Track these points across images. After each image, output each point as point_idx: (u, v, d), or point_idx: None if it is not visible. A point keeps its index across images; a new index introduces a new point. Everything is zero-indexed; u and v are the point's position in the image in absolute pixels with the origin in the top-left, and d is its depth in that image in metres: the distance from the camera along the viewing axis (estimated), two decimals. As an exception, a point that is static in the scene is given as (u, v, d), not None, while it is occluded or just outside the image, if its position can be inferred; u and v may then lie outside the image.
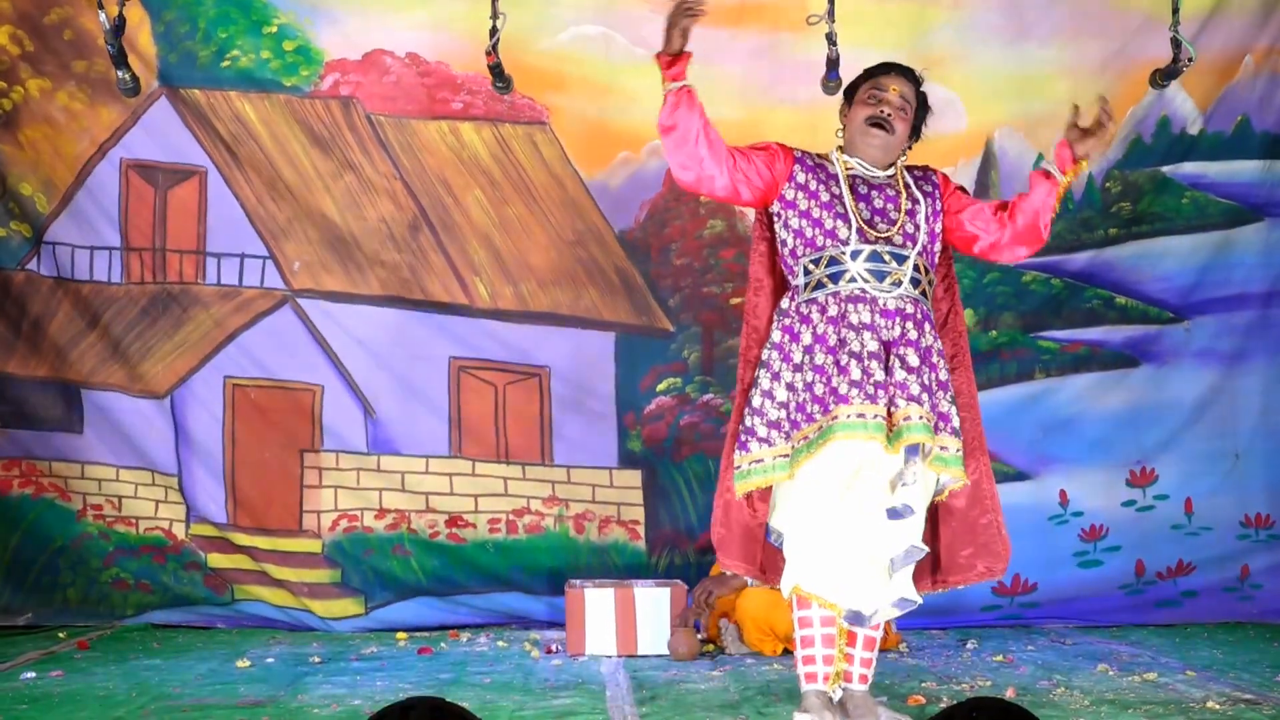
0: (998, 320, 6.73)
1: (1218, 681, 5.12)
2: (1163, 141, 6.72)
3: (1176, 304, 6.73)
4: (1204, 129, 6.71)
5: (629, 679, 5.29)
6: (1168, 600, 6.71)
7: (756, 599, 5.80)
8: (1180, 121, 6.71)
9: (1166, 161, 6.72)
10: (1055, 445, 6.70)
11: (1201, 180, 6.73)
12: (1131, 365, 6.74)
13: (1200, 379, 6.73)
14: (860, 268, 4.31)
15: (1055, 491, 6.69)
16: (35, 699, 4.83)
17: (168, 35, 6.52)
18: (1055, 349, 6.74)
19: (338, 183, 6.62)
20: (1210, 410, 6.73)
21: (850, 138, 4.52)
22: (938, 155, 6.60)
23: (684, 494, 6.65)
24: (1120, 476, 6.71)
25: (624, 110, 6.63)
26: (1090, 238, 6.74)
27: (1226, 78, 6.69)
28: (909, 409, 4.18)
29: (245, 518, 6.57)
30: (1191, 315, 6.74)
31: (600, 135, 6.58)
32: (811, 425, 4.20)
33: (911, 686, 5.05)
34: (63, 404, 6.56)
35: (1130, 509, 6.71)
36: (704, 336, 6.72)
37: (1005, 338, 6.73)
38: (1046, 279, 6.73)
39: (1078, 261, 6.73)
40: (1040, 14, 6.65)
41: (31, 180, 6.53)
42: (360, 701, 4.79)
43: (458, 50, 6.57)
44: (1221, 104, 6.70)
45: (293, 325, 6.59)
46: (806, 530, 4.24)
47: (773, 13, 6.58)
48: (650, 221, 6.73)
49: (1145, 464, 6.71)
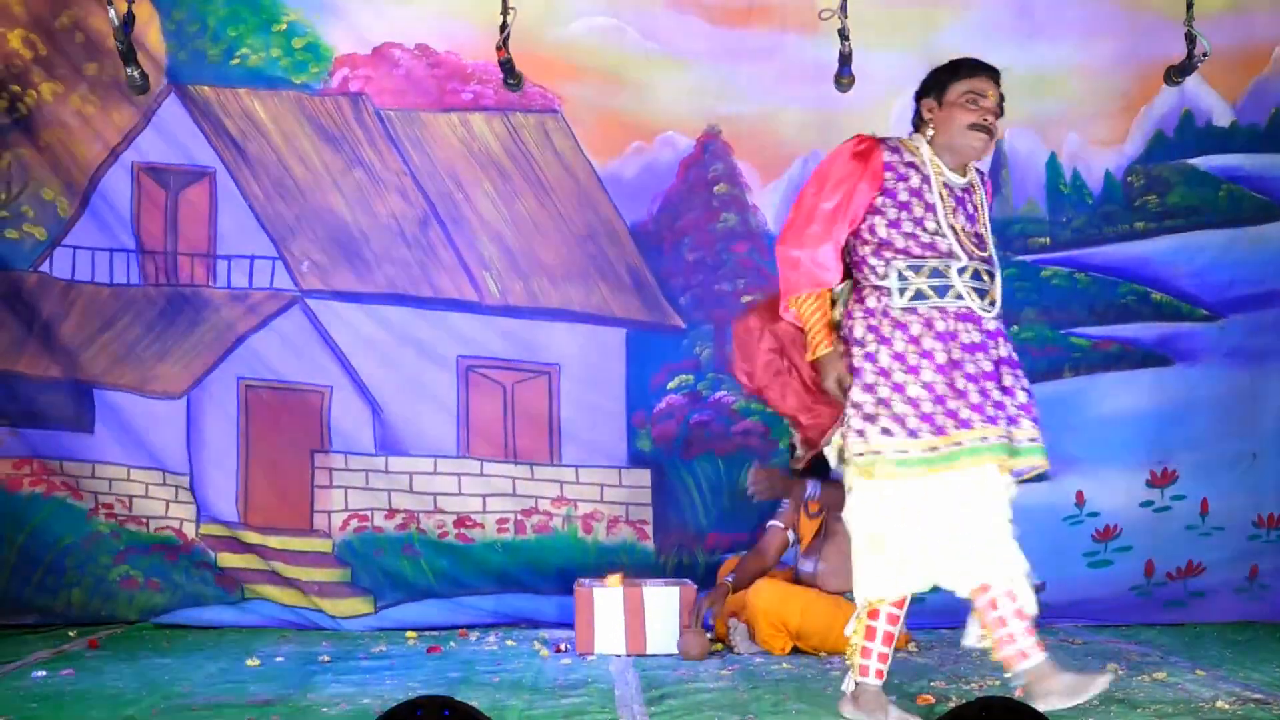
0: (1019, 316, 6.65)
1: (1227, 681, 5.10)
2: (1188, 135, 6.70)
3: (1211, 300, 6.68)
4: (1235, 121, 6.68)
5: (638, 678, 5.29)
6: (1176, 601, 6.68)
7: (768, 593, 5.80)
8: (1205, 114, 6.68)
9: (1195, 154, 6.68)
10: (1078, 446, 6.62)
11: (1238, 173, 6.69)
12: (1164, 364, 6.69)
13: (1228, 379, 6.68)
14: (966, 285, 4.32)
15: (1072, 493, 6.64)
16: (46, 697, 4.85)
17: (178, 34, 6.53)
18: (1087, 346, 6.69)
19: (347, 179, 6.62)
20: (1234, 410, 6.68)
21: (948, 140, 4.45)
22: (949, 155, 6.64)
23: (693, 494, 6.65)
24: (1140, 477, 6.66)
25: (636, 101, 6.64)
26: (1113, 231, 6.70)
27: (1255, 70, 6.66)
28: (1034, 430, 4.29)
29: (257, 517, 6.58)
30: (1226, 313, 6.68)
31: (613, 125, 6.58)
32: (942, 438, 4.23)
33: (921, 686, 5.04)
34: (74, 404, 6.57)
35: (1147, 510, 6.67)
36: (716, 333, 6.70)
37: (1031, 333, 6.67)
38: (1069, 274, 6.70)
39: (1102, 256, 6.69)
40: (1051, 13, 6.63)
41: (53, 184, 6.54)
42: (369, 700, 4.79)
43: (468, 39, 6.57)
44: (1252, 96, 6.68)
45: (302, 326, 6.60)
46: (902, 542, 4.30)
47: (780, 12, 6.60)
48: (664, 214, 6.71)
49: (1167, 465, 6.66)
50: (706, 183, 6.70)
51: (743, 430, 6.67)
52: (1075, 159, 6.69)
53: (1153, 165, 6.69)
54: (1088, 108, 6.68)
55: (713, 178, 6.70)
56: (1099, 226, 6.70)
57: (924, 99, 4.53)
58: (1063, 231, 6.70)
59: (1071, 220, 6.69)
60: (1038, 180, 6.68)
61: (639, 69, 6.63)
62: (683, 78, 6.65)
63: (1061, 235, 6.70)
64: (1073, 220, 6.69)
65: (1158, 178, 6.70)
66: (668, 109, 6.66)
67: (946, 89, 4.47)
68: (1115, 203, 6.70)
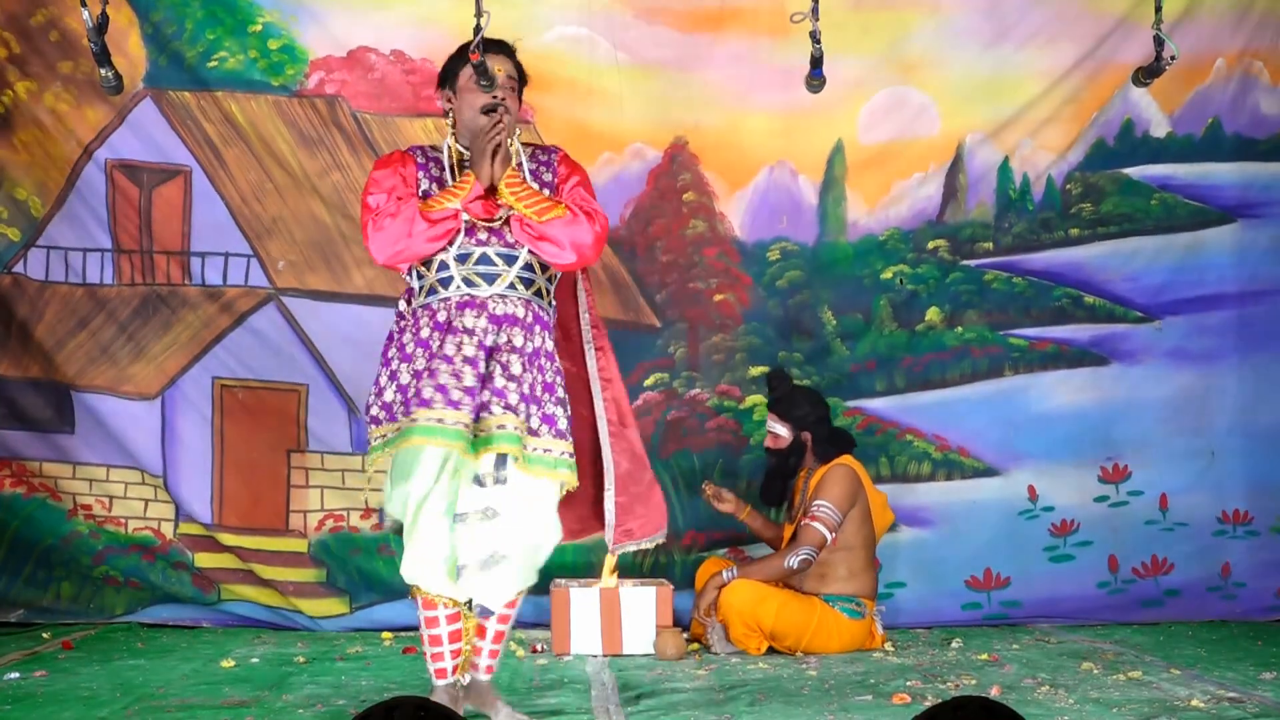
0: (962, 317, 6.80)
1: (1202, 680, 5.13)
2: (1126, 144, 6.80)
3: (1145, 303, 6.80)
4: (1172, 132, 6.79)
5: (614, 678, 5.29)
6: (1151, 600, 6.73)
7: (742, 594, 5.80)
8: (1144, 124, 6.79)
9: (1130, 164, 6.79)
10: (1024, 441, 6.75)
11: (1170, 182, 6.81)
12: (1101, 363, 6.80)
13: (1172, 378, 6.79)
14: (469, 270, 4.28)
15: (1024, 487, 6.73)
16: (19, 699, 4.83)
17: (156, 37, 6.52)
18: (1025, 346, 6.80)
19: (324, 181, 6.60)
20: (1184, 408, 6.79)
21: (465, 125, 4.40)
22: (910, 160, 6.79)
23: (669, 491, 6.62)
24: (1091, 473, 6.76)
25: (606, 112, 6.66)
26: (1050, 238, 6.81)
27: (1195, 81, 6.75)
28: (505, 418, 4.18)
29: (232, 517, 6.56)
30: (1162, 315, 6.80)
31: (582, 136, 6.56)
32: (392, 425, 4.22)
33: (896, 685, 5.05)
34: (53, 405, 6.55)
35: (1103, 505, 6.75)
36: (690, 332, 6.75)
37: (973, 334, 6.79)
38: (1008, 278, 6.81)
39: (1038, 261, 6.81)
40: (1020, 15, 6.70)
41: (26, 184, 6.52)
42: (345, 701, 4.79)
43: (443, 47, 6.37)
44: (1190, 107, 6.79)
45: (278, 324, 6.58)
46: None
47: (752, 18, 6.61)
48: (635, 220, 6.75)
49: (1117, 460, 6.76)
50: (676, 191, 6.74)
51: (716, 427, 6.71)
52: (1025, 164, 6.80)
53: (1090, 173, 6.80)
54: (1043, 113, 6.76)
55: (681, 186, 6.74)
56: (1037, 232, 6.82)
57: (441, 90, 4.49)
58: (1004, 236, 6.82)
59: (1013, 225, 6.82)
60: (990, 185, 6.80)
61: (609, 79, 6.64)
62: (651, 88, 6.67)
63: (1003, 240, 6.82)
64: (1014, 225, 6.82)
65: (1094, 186, 6.80)
66: (636, 120, 6.69)
67: (456, 75, 4.43)
68: (1053, 209, 6.81)
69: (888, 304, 6.78)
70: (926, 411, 6.77)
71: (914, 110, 6.77)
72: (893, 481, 6.66)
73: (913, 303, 6.79)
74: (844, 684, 5.12)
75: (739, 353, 6.75)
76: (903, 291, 6.78)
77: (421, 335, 4.27)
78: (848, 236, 6.79)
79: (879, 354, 6.78)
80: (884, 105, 6.74)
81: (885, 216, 6.79)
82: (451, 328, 4.24)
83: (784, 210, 6.77)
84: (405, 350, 4.30)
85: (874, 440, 6.70)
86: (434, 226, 4.22)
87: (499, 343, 4.26)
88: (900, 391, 6.77)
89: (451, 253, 4.28)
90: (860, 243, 6.79)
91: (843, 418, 6.63)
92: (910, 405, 6.77)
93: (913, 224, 6.79)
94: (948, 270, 6.78)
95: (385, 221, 4.22)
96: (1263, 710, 4.56)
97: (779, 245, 6.77)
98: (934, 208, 6.79)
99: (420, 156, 4.44)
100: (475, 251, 4.30)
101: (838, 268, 6.79)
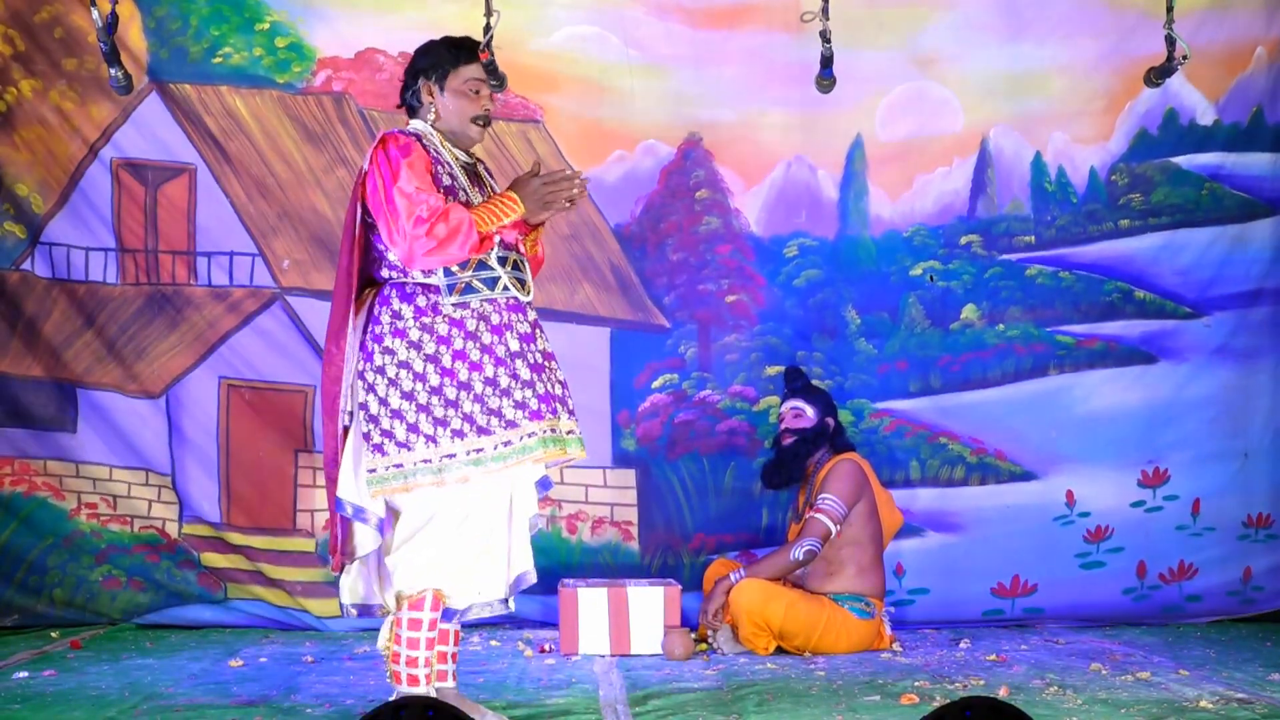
0: (1004, 314, 6.67)
1: (1211, 681, 5.12)
2: (1171, 133, 6.69)
3: (1195, 299, 6.67)
4: (1218, 119, 6.68)
5: (622, 679, 5.28)
6: (1173, 606, 6.65)
7: (750, 593, 5.79)
8: (1189, 112, 6.67)
9: (1178, 152, 6.68)
10: (1067, 444, 6.62)
11: (1220, 171, 6.69)
12: (1148, 361, 6.67)
13: (1215, 377, 6.67)
14: (509, 275, 4.34)
15: (1062, 492, 6.62)
16: (28, 698, 4.83)
17: (159, 31, 6.49)
18: (1071, 343, 6.67)
19: (329, 178, 6.59)
20: (1225, 409, 6.67)
21: (449, 127, 4.41)
22: (933, 154, 6.69)
23: (678, 494, 6.63)
24: (1132, 477, 6.64)
25: (617, 109, 6.63)
26: (1098, 230, 6.69)
27: (1237, 69, 6.65)
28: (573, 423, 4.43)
29: (240, 517, 6.55)
30: (1209, 310, 6.67)
31: (594, 134, 6.56)
32: (512, 431, 4.22)
33: (905, 685, 5.04)
34: (57, 403, 6.54)
35: (1138, 510, 6.64)
36: (700, 332, 6.71)
37: (1016, 331, 6.66)
38: (1054, 272, 6.69)
39: (1087, 254, 6.69)
40: (1036, 12, 6.63)
41: (28, 180, 6.50)
42: (353, 701, 4.79)
43: None
44: (1234, 95, 6.67)
45: (283, 324, 6.57)
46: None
47: (765, 14, 6.58)
48: (646, 216, 6.70)
49: (1158, 464, 6.64)
50: (688, 188, 6.70)
51: (728, 429, 6.65)
52: (1060, 157, 6.69)
53: (1136, 164, 6.69)
54: (1071, 106, 6.68)
55: (694, 184, 6.70)
56: (1083, 225, 6.70)
57: (424, 80, 4.46)
58: (1047, 230, 6.70)
59: (1056, 219, 6.70)
60: (1022, 179, 6.69)
61: (620, 77, 6.61)
62: (664, 84, 6.64)
63: (1046, 234, 6.70)
64: (1057, 219, 6.70)
65: (1141, 176, 6.69)
66: (648, 117, 6.65)
67: (448, 75, 4.43)
68: (1099, 201, 6.70)
69: (917, 301, 6.67)
70: (964, 412, 6.62)
71: (934, 104, 6.69)
72: (924, 485, 6.57)
73: (946, 299, 6.67)
74: (852, 684, 5.11)
75: (754, 352, 6.68)
76: (933, 288, 6.68)
77: (483, 340, 4.24)
78: (871, 232, 6.68)
79: (910, 353, 6.65)
80: (903, 100, 6.66)
81: (909, 211, 6.68)
82: (519, 333, 4.29)
83: (803, 206, 6.68)
84: (469, 356, 4.22)
85: (904, 443, 6.60)
86: (482, 242, 4.23)
87: (547, 348, 4.42)
88: (936, 392, 6.63)
89: (494, 254, 4.30)
90: (884, 238, 6.68)
91: (870, 419, 6.57)
92: (946, 406, 6.62)
93: (939, 219, 6.67)
94: (984, 266, 6.67)
95: (440, 228, 4.13)
96: (1271, 711, 4.55)
97: (797, 242, 6.69)
98: (962, 202, 6.68)
99: (421, 142, 4.39)
100: (510, 255, 4.35)
101: (861, 264, 6.68)
